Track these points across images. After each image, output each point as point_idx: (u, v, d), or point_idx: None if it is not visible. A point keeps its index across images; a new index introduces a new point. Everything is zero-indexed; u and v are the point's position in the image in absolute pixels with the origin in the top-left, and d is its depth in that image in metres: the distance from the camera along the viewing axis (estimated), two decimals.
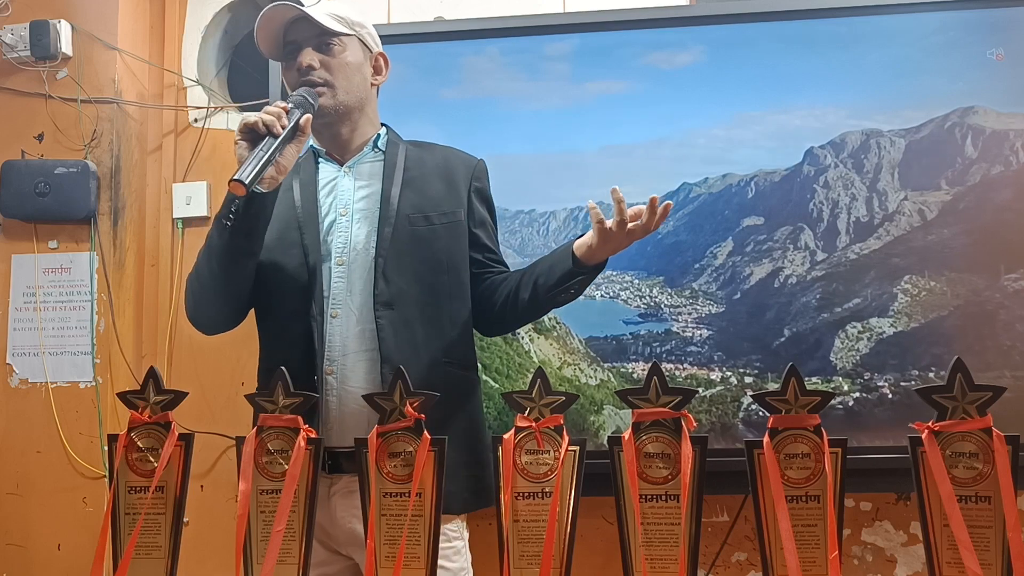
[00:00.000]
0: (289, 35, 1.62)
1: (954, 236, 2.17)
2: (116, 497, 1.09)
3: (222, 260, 1.52)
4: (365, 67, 1.67)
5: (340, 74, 1.61)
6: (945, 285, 2.16)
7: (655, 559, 0.96)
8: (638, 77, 2.31)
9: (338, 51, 1.61)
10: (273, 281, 1.60)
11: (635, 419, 0.99)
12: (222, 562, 2.28)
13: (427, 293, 1.60)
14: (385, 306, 1.56)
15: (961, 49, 2.19)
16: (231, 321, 1.67)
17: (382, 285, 1.57)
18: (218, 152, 2.67)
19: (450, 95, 2.36)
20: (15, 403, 2.50)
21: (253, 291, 1.60)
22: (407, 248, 1.60)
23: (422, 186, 1.66)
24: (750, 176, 2.26)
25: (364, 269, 1.58)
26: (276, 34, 1.63)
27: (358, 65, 1.65)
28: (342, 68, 1.61)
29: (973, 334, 2.14)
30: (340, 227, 1.61)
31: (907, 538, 2.29)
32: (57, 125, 2.54)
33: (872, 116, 2.21)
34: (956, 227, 2.18)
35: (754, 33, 2.27)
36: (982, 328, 2.13)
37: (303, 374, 1.52)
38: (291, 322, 1.58)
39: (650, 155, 2.28)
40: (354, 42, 1.64)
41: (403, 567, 1.01)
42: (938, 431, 0.94)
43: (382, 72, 1.72)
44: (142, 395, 1.11)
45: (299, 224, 1.60)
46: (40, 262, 2.53)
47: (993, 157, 2.17)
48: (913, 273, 2.18)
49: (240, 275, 1.55)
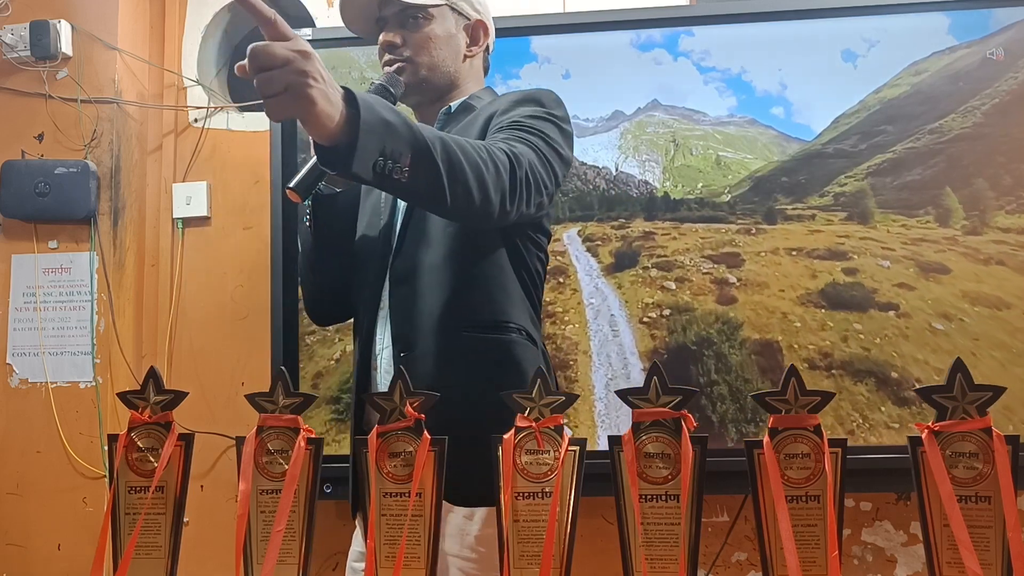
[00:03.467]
0: (381, 10, 1.55)
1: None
2: (116, 497, 1.09)
3: (312, 257, 1.50)
4: (457, 39, 1.56)
5: (423, 50, 1.51)
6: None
7: (655, 559, 0.96)
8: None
9: (423, 24, 1.52)
10: (362, 270, 1.54)
11: (635, 419, 0.99)
12: (222, 562, 2.28)
13: (443, 258, 1.46)
14: (398, 283, 1.47)
15: None
16: (345, 314, 1.61)
17: (397, 263, 1.48)
18: (218, 152, 2.67)
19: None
20: (15, 403, 2.50)
21: (351, 279, 1.55)
22: (423, 217, 1.47)
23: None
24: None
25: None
26: (364, 8, 1.56)
27: (447, 38, 1.54)
28: (425, 43, 1.51)
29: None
30: (400, 209, 1.53)
31: (907, 538, 2.29)
32: (57, 125, 2.54)
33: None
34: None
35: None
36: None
37: (366, 367, 1.49)
38: (360, 307, 1.54)
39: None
40: (444, 12, 1.54)
41: (403, 567, 1.01)
42: (938, 431, 0.94)
43: (479, 41, 1.59)
44: (142, 395, 1.11)
45: (381, 211, 1.54)
46: (40, 262, 2.53)
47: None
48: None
49: (332, 270, 1.51)
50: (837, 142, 2.30)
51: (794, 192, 2.30)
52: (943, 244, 2.25)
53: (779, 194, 2.30)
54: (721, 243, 2.34)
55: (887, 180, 2.29)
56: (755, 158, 2.33)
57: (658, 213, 2.36)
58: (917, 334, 2.23)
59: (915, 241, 2.26)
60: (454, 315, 1.44)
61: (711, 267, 2.33)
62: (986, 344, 2.20)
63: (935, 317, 2.23)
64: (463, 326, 1.43)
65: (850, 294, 2.27)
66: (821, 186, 2.29)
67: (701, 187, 2.34)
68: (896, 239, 2.27)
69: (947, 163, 2.26)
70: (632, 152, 2.37)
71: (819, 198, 2.29)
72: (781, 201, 2.30)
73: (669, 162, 2.36)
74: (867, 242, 2.28)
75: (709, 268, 2.33)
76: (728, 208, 2.32)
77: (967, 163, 2.25)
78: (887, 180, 2.29)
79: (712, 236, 2.34)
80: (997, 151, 2.24)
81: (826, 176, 2.30)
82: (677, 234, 2.36)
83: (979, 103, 2.25)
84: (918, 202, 2.27)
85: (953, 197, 2.25)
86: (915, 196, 2.27)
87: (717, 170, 2.34)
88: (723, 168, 2.34)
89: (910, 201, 2.27)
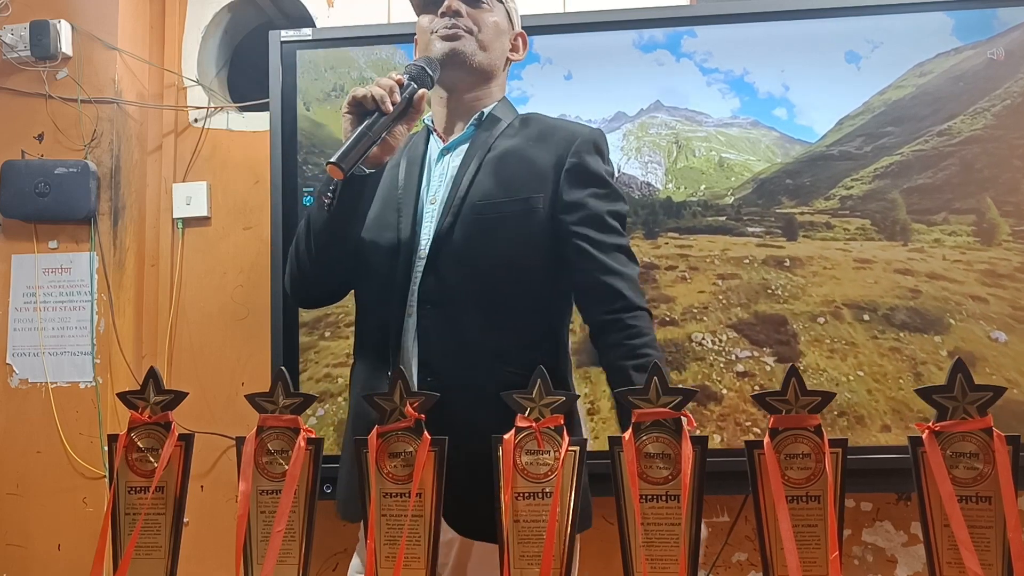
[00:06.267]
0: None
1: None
2: (116, 497, 1.09)
3: (319, 239, 1.44)
4: (505, 39, 1.55)
5: (487, 29, 1.49)
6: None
7: (655, 559, 0.96)
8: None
9: (486, 9, 1.51)
10: (368, 262, 1.49)
11: (635, 419, 0.99)
12: (222, 562, 2.28)
13: (487, 291, 1.41)
14: (430, 304, 1.41)
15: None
16: (333, 297, 1.58)
17: (430, 281, 1.42)
18: (218, 152, 2.67)
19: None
20: (15, 403, 2.50)
21: (352, 268, 1.50)
22: (472, 240, 1.42)
23: (502, 168, 1.46)
24: None
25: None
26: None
27: (501, 32, 1.53)
28: (487, 25, 1.50)
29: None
30: (428, 216, 1.48)
31: (907, 538, 2.29)
32: (57, 125, 2.54)
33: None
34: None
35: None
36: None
37: (381, 368, 1.43)
38: (376, 310, 1.48)
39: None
40: (501, 10, 1.54)
41: (403, 567, 1.01)
42: (938, 431, 0.93)
43: (519, 51, 1.60)
44: (142, 395, 1.11)
45: (398, 206, 1.48)
46: (40, 262, 2.53)
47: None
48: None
49: (339, 255, 1.47)
50: (841, 144, 2.29)
51: (799, 195, 2.29)
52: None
53: (783, 196, 2.30)
54: (751, 289, 2.25)
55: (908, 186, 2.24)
56: (758, 160, 2.32)
57: (659, 228, 2.32)
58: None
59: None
60: (494, 349, 1.41)
61: (749, 353, 2.24)
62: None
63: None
64: (504, 363, 1.38)
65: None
66: (827, 189, 2.29)
67: (704, 189, 2.33)
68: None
69: (959, 165, 2.24)
70: (635, 154, 2.37)
71: (825, 201, 2.28)
72: (786, 204, 2.30)
73: (672, 164, 2.36)
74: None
75: (746, 354, 2.24)
76: (733, 211, 2.31)
77: (980, 166, 2.23)
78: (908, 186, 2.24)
79: (732, 275, 2.26)
80: (1014, 154, 2.22)
81: (831, 179, 2.29)
82: (686, 268, 2.29)
83: (988, 104, 2.24)
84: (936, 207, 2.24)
85: (994, 208, 2.22)
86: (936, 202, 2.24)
87: (720, 172, 2.34)
88: (726, 170, 2.33)
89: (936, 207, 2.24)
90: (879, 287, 2.23)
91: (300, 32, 2.45)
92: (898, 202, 2.24)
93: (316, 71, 2.46)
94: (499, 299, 1.42)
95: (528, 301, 1.45)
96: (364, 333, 1.53)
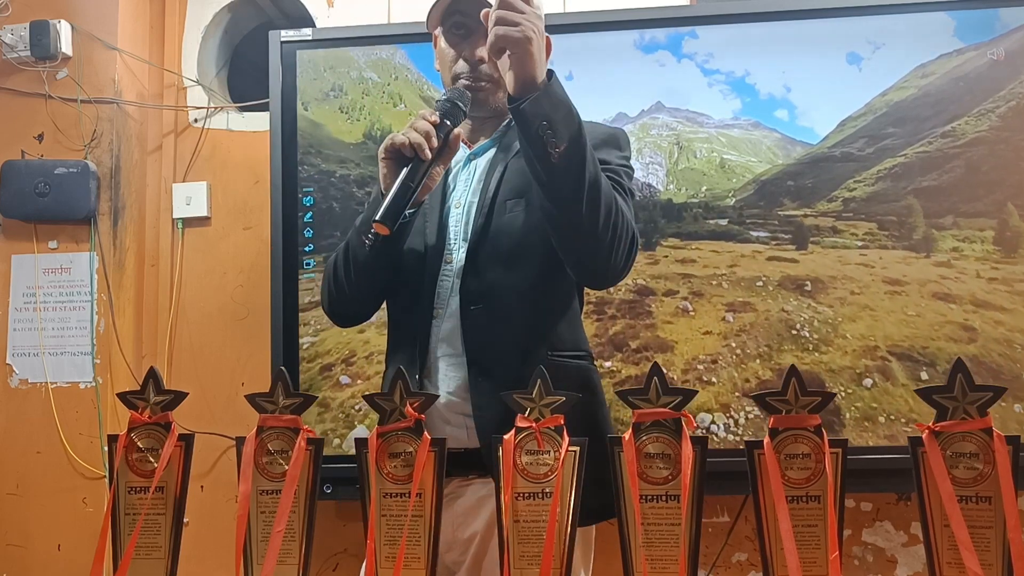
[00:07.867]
0: (460, 4, 1.47)
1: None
2: (116, 497, 1.09)
3: (359, 270, 1.47)
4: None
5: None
6: None
7: (655, 559, 0.96)
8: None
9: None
10: (397, 268, 1.52)
11: (635, 419, 0.99)
12: (222, 562, 2.28)
13: (524, 281, 1.46)
14: (475, 304, 1.44)
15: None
16: (370, 314, 1.61)
17: (471, 282, 1.45)
18: (218, 152, 2.67)
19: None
20: (15, 403, 2.50)
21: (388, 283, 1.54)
22: (503, 236, 1.46)
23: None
24: None
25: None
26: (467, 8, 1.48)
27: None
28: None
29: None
30: (453, 220, 1.51)
31: (907, 538, 2.29)
32: (57, 125, 2.54)
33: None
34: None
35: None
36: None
37: (410, 373, 1.42)
38: (405, 315, 1.52)
39: None
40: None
41: (403, 567, 1.01)
42: (938, 431, 0.93)
43: (546, 57, 1.56)
44: (142, 395, 1.11)
45: (425, 212, 1.50)
46: (40, 262, 2.53)
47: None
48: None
49: (379, 281, 1.50)
50: (843, 145, 2.29)
51: (800, 196, 2.29)
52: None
53: (785, 198, 2.29)
54: (771, 329, 2.20)
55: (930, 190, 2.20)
56: (760, 161, 2.32)
57: (659, 235, 2.30)
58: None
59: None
60: (538, 340, 1.45)
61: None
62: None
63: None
64: (548, 351, 1.44)
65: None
66: (829, 190, 2.28)
67: (705, 191, 2.33)
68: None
69: (965, 168, 2.22)
70: (636, 155, 2.36)
71: (827, 203, 2.28)
72: (788, 205, 2.29)
73: (673, 165, 2.36)
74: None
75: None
76: (735, 214, 2.30)
77: (987, 168, 2.22)
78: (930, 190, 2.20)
79: (744, 305, 2.21)
80: (1021, 156, 2.21)
81: (833, 180, 2.28)
82: (688, 293, 2.24)
83: (993, 106, 2.24)
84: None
85: (1015, 215, 2.19)
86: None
87: (721, 173, 2.33)
88: (727, 171, 2.33)
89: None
90: (923, 321, 2.16)
91: (300, 32, 2.45)
92: (914, 207, 2.22)
93: (315, 71, 2.45)
94: (536, 290, 1.47)
95: (561, 288, 1.50)
96: (394, 338, 1.57)
